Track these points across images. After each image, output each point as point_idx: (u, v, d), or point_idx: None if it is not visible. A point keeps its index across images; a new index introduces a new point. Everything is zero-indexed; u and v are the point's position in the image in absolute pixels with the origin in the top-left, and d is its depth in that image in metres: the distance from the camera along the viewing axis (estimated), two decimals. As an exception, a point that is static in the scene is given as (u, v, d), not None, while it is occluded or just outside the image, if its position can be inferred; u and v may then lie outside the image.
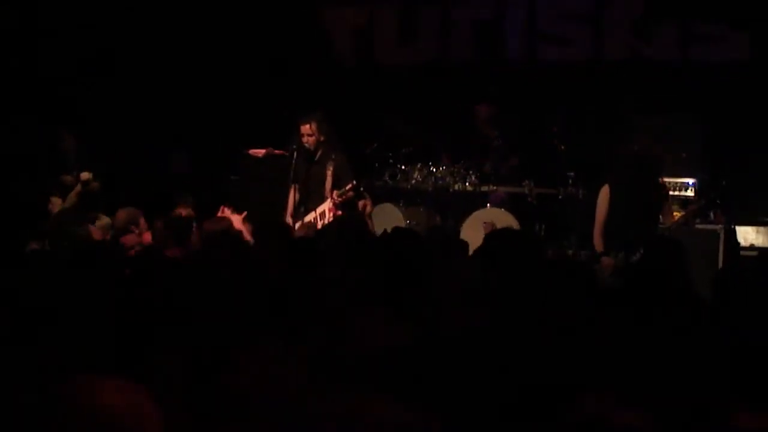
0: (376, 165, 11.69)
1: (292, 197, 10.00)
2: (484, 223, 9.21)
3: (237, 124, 12.52)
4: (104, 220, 9.00)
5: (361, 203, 9.75)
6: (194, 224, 8.26)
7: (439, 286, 4.29)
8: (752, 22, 11.66)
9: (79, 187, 9.72)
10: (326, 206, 9.69)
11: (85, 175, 9.78)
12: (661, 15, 12.11)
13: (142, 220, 8.29)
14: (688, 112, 11.59)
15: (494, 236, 6.44)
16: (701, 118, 11.62)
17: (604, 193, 8.88)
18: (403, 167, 11.67)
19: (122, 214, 8.30)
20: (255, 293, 4.48)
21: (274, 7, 13.10)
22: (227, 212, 8.62)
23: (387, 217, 10.90)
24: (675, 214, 9.06)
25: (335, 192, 9.61)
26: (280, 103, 12.17)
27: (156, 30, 12.79)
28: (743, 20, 11.69)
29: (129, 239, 7.87)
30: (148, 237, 8.13)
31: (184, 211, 9.14)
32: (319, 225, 9.42)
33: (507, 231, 7.09)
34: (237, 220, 8.37)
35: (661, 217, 8.90)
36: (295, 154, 9.91)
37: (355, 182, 9.67)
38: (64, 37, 12.33)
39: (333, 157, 9.84)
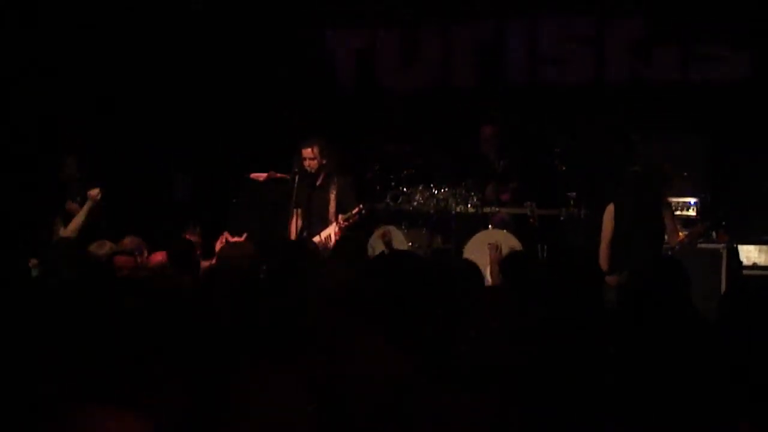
0: (378, 187, 11.68)
1: (295, 222, 9.94)
2: (489, 244, 9.18)
3: (238, 148, 12.52)
4: (107, 245, 8.95)
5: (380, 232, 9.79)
6: (199, 251, 8.22)
7: (458, 315, 4.24)
8: (753, 41, 11.68)
9: (89, 204, 9.69)
10: (331, 230, 9.66)
11: (94, 192, 9.74)
12: (661, 36, 12.13)
13: (144, 251, 8.26)
14: (689, 131, 11.60)
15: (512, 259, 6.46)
16: (703, 137, 11.63)
17: (609, 211, 8.89)
18: (404, 189, 11.65)
19: (127, 242, 8.27)
20: (255, 318, 4.46)
21: (276, 30, 13.12)
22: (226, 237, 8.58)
23: (396, 242, 10.89)
24: (680, 234, 9.04)
25: (341, 216, 9.58)
26: (281, 125, 12.19)
27: (157, 55, 12.81)
28: (743, 40, 11.71)
29: (122, 260, 7.80)
30: (155, 258, 8.08)
31: (191, 238, 9.09)
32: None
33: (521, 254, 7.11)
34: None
35: (666, 236, 8.89)
36: (296, 177, 9.87)
37: (361, 206, 9.65)
38: (65, 62, 12.35)
39: (335, 181, 9.81)
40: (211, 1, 13.07)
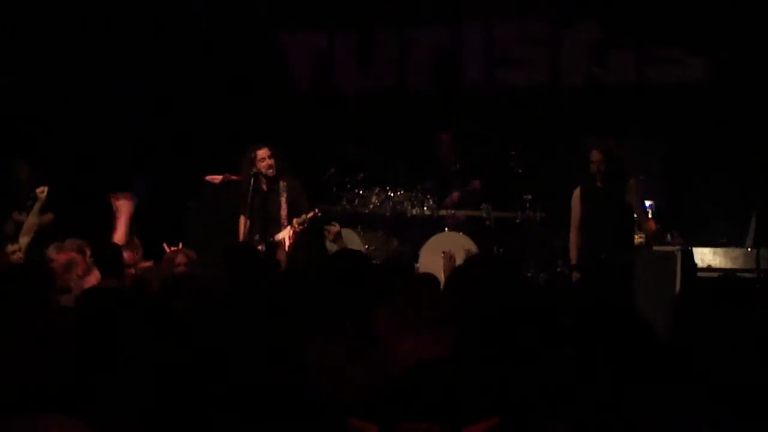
0: (334, 190, 11.64)
1: (243, 225, 9.92)
2: (443, 252, 9.13)
3: (193, 150, 12.44)
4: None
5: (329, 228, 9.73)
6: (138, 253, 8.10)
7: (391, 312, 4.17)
8: (708, 44, 11.73)
9: (38, 205, 9.58)
10: (285, 234, 9.64)
11: (39, 190, 9.63)
12: (618, 39, 12.17)
13: (87, 253, 8.09)
14: (645, 134, 11.63)
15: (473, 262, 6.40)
16: (658, 140, 11.68)
17: (576, 196, 8.84)
18: (360, 192, 11.62)
19: (68, 244, 8.12)
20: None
21: (232, 31, 13.06)
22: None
23: (345, 243, 10.85)
24: (651, 224, 8.97)
25: (296, 220, 9.58)
26: (237, 127, 12.13)
27: (112, 56, 12.72)
28: (699, 43, 11.77)
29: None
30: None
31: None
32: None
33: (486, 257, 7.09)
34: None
35: (637, 228, 8.82)
36: (252, 180, 9.84)
37: (317, 210, 9.63)
38: (22, 67, 12.27)
39: (285, 184, 9.81)
40: (169, 3, 13.00)
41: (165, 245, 8.53)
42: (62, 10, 12.52)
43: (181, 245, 8.60)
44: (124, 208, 8.98)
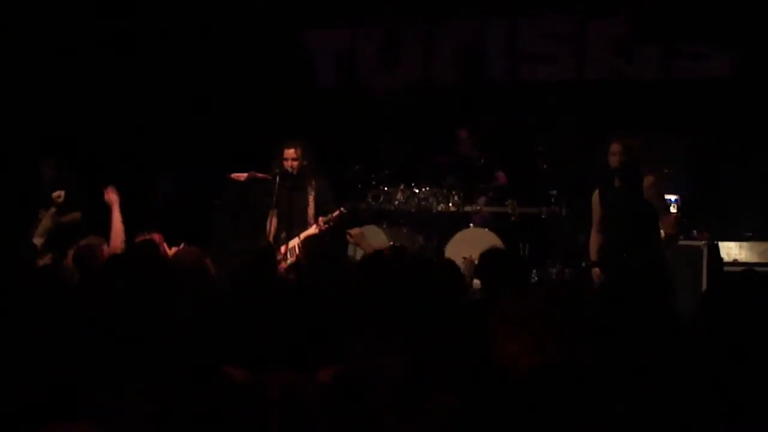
0: (359, 186, 11.65)
1: (272, 223, 9.88)
2: (464, 258, 9.12)
3: (219, 148, 12.48)
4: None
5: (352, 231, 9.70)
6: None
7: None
8: (734, 39, 11.69)
9: (52, 210, 9.55)
10: (311, 232, 9.62)
11: (55, 194, 9.59)
12: (643, 34, 12.13)
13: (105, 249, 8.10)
14: (670, 129, 11.60)
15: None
16: (683, 135, 11.65)
17: (595, 199, 8.78)
18: (385, 188, 11.62)
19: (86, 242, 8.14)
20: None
21: (256, 30, 13.11)
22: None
23: (370, 239, 10.85)
24: (670, 220, 8.85)
25: (321, 218, 9.56)
26: (262, 126, 12.17)
27: (138, 57, 12.79)
28: (725, 38, 11.72)
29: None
30: None
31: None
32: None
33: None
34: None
35: (661, 226, 8.72)
36: (278, 178, 9.83)
37: (342, 209, 9.63)
38: (47, 62, 12.34)
39: (314, 182, 9.79)
40: (193, 2, 13.06)
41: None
42: (91, 8, 12.60)
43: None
44: (116, 199, 8.88)
